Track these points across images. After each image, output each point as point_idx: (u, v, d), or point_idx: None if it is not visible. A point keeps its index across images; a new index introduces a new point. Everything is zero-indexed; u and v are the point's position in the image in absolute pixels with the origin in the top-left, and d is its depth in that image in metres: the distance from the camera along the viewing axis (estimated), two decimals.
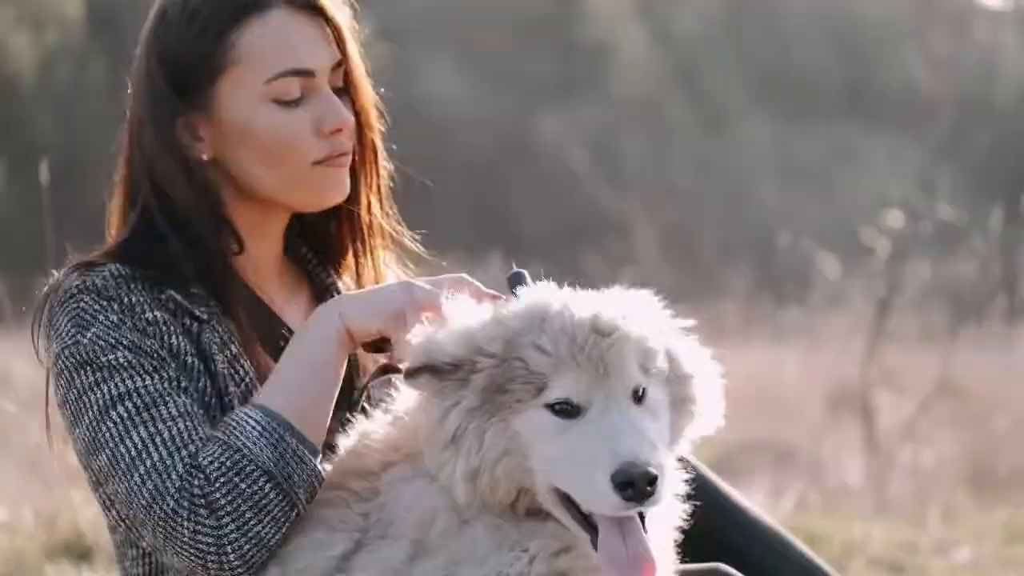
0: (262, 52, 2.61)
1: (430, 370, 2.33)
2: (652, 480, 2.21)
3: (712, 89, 26.27)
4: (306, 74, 2.63)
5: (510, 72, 24.81)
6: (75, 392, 2.49)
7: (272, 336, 2.69)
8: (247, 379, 2.59)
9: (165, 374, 2.49)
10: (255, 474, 2.41)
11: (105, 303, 2.53)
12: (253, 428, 2.43)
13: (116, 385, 2.48)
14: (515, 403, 2.29)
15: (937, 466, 8.54)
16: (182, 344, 2.54)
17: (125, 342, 2.49)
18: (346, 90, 2.71)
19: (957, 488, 8.04)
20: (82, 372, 2.49)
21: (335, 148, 2.67)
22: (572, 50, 25.76)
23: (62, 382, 2.51)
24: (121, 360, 2.48)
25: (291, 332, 2.66)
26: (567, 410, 2.28)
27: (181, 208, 2.62)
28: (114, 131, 2.74)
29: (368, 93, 2.74)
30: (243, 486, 2.41)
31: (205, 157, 2.65)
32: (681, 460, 2.46)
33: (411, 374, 2.35)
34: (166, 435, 2.44)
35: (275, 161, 2.64)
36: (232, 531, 2.40)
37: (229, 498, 2.40)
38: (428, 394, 2.35)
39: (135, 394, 2.47)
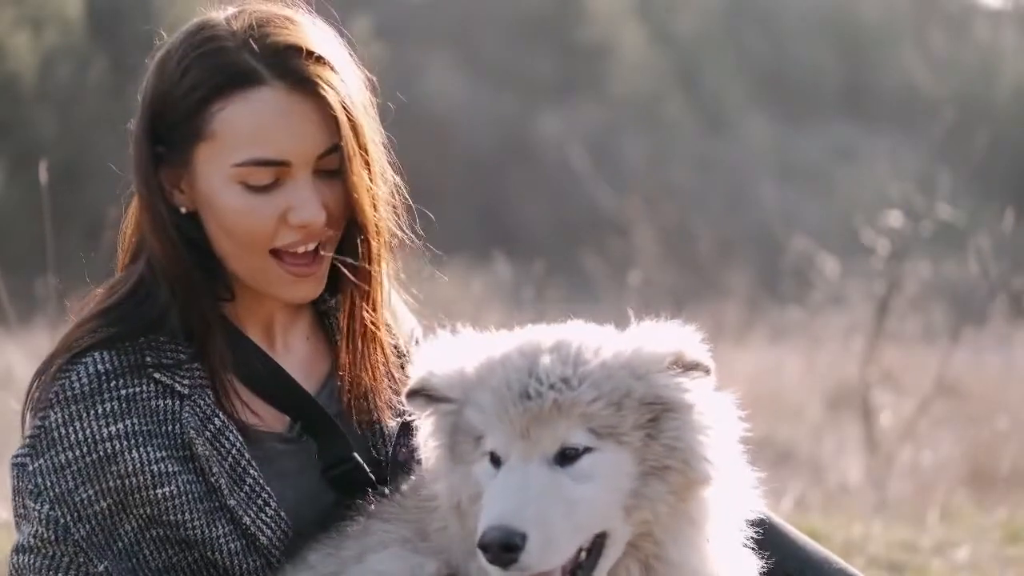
0: (237, 134, 2.52)
1: (424, 395, 2.42)
2: (508, 547, 2.18)
3: (712, 89, 26.26)
4: (278, 164, 2.54)
5: (510, 72, 24.80)
6: (17, 500, 2.56)
7: (269, 384, 2.65)
8: (233, 451, 2.56)
9: (68, 546, 2.50)
10: None
11: (68, 427, 2.52)
12: None
13: (33, 535, 2.52)
14: (468, 451, 2.35)
15: (937, 466, 8.52)
16: (144, 454, 2.53)
17: (55, 492, 2.51)
18: (340, 172, 2.57)
19: (957, 488, 8.03)
20: (23, 495, 2.54)
21: (300, 239, 2.57)
22: (572, 50, 25.75)
23: (12, 475, 2.56)
24: (41, 515, 2.51)
25: (288, 378, 2.65)
26: (497, 459, 2.31)
27: (158, 254, 2.59)
28: (114, 131, 2.73)
29: (363, 178, 2.58)
30: None
31: (184, 211, 2.60)
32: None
33: (409, 395, 2.44)
34: None
35: (236, 240, 2.57)
36: None
37: None
38: (425, 414, 2.45)
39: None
